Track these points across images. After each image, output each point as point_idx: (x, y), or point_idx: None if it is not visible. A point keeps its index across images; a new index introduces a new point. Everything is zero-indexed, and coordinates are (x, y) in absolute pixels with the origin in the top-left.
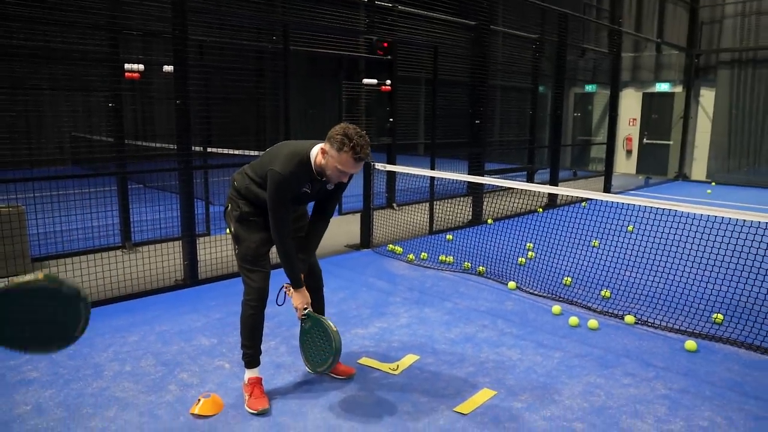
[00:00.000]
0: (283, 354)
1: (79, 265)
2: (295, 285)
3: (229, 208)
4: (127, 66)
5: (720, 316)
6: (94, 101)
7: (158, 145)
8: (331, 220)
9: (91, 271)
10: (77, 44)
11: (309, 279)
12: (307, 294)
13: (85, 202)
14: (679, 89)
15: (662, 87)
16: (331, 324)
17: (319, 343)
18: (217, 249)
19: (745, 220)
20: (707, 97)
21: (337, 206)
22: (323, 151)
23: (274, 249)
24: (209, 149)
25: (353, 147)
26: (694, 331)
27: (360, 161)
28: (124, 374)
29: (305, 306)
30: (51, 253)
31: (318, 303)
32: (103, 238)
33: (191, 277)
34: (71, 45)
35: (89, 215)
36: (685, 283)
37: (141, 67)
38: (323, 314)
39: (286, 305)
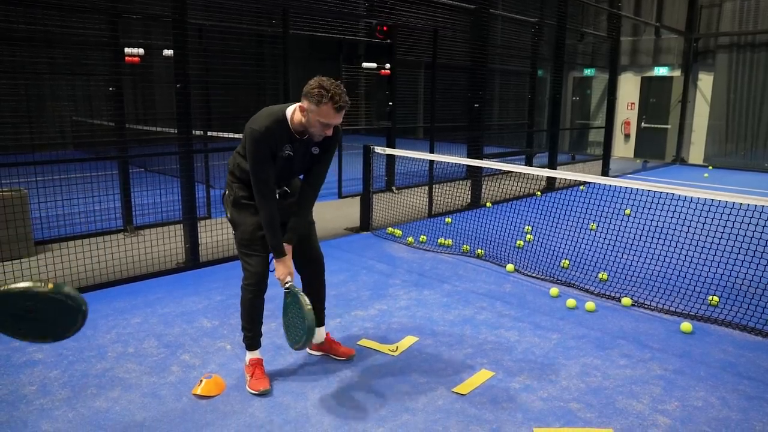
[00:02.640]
0: (283, 336)
1: (81, 248)
2: (276, 254)
3: (227, 193)
4: (127, 50)
5: (715, 299)
6: (94, 86)
7: (159, 129)
8: (319, 194)
9: (94, 254)
10: (77, 28)
11: (309, 267)
12: (290, 265)
13: (87, 186)
14: (677, 73)
15: (661, 71)
16: (307, 301)
17: (295, 320)
18: (218, 232)
19: (741, 204)
20: (705, 81)
21: (335, 187)
22: (302, 109)
23: None
24: (209, 133)
25: (332, 97)
26: (690, 313)
27: (341, 110)
28: (127, 355)
29: (288, 278)
30: (54, 236)
31: (319, 288)
32: (105, 221)
33: (192, 259)
34: (71, 29)
35: (91, 199)
36: (682, 266)
37: (141, 51)
38: (323, 299)
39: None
